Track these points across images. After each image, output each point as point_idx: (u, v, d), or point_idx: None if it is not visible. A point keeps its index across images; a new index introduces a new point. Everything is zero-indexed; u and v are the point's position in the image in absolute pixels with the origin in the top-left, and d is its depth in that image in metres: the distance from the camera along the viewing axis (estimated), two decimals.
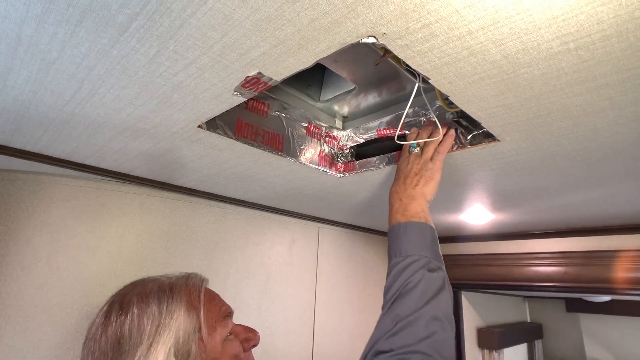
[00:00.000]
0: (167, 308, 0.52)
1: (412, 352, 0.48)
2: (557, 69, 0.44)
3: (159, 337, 0.49)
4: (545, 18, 0.36)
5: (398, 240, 0.60)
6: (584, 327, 2.33)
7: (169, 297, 0.54)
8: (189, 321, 0.52)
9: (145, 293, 0.54)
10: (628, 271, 1.25)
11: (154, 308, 0.52)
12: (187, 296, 0.55)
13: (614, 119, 0.54)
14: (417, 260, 0.57)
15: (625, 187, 0.84)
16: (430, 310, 0.52)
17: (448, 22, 0.37)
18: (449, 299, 0.55)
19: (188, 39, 0.41)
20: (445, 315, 0.53)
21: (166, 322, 0.51)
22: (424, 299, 0.53)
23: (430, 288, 0.54)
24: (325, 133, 0.88)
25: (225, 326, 0.57)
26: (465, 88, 0.49)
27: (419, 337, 0.49)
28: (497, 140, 0.64)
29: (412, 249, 0.58)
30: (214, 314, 0.56)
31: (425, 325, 0.51)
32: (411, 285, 0.54)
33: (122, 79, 0.50)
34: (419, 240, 0.59)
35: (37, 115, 0.61)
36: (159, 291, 0.54)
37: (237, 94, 0.52)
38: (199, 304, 0.55)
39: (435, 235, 0.63)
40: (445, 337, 0.51)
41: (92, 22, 0.39)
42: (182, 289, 0.56)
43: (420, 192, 0.64)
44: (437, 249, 0.61)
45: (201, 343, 0.52)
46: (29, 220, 0.86)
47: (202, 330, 0.53)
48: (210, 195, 1.11)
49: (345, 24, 0.38)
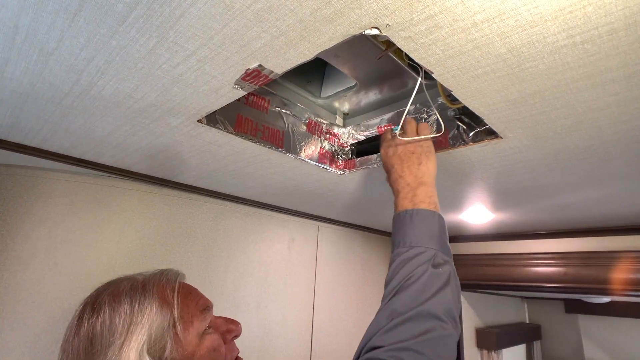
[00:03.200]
0: (139, 306, 0.52)
1: (405, 349, 0.47)
2: (563, 63, 0.43)
3: (130, 335, 0.49)
4: (552, 9, 0.35)
5: (404, 229, 0.58)
6: (582, 328, 2.32)
7: (141, 295, 0.53)
8: (162, 317, 0.52)
9: (118, 292, 0.54)
10: (628, 272, 1.25)
11: (125, 307, 0.52)
12: (160, 292, 0.55)
13: (618, 115, 0.53)
14: (423, 252, 0.55)
15: (627, 187, 0.83)
16: (430, 307, 0.50)
17: (453, 13, 0.37)
18: (452, 296, 0.53)
19: (188, 30, 0.41)
20: (446, 313, 0.51)
21: (138, 320, 0.51)
22: (425, 295, 0.51)
23: (433, 284, 0.52)
24: (326, 130, 0.87)
25: (203, 320, 0.56)
26: (469, 82, 0.48)
27: (413, 335, 0.48)
28: (499, 138, 0.63)
29: (418, 240, 0.56)
30: (190, 309, 0.56)
31: (422, 322, 0.49)
32: (412, 280, 0.52)
33: (121, 70, 0.49)
34: (426, 231, 0.57)
35: (35, 108, 0.60)
36: (131, 290, 0.54)
37: (237, 88, 0.52)
38: (172, 300, 0.55)
39: (444, 224, 0.60)
40: (443, 336, 0.50)
41: (91, 11, 0.38)
42: (155, 285, 0.56)
43: (427, 172, 0.62)
44: (446, 240, 0.59)
45: (177, 338, 0.52)
46: (27, 216, 0.85)
47: (177, 326, 0.53)
48: (209, 192, 1.10)
49: (348, 15, 0.37)
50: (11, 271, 0.81)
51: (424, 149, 0.64)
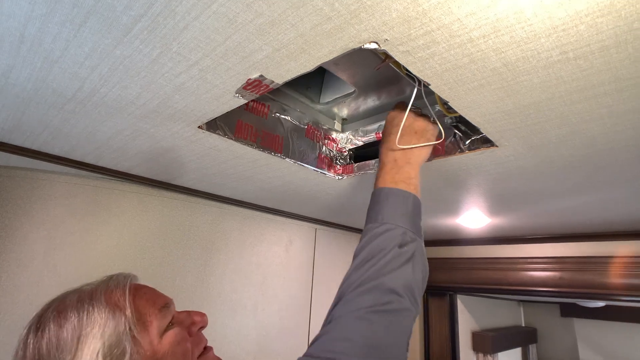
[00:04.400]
0: (87, 316, 0.50)
1: (358, 319, 0.49)
2: (556, 77, 0.44)
3: (81, 348, 0.48)
4: (545, 27, 0.36)
5: (379, 205, 0.60)
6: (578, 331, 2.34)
7: (88, 305, 0.51)
8: (115, 323, 0.50)
9: (64, 307, 0.52)
10: (622, 277, 1.26)
11: (73, 321, 0.50)
12: (109, 298, 0.53)
13: (611, 126, 0.55)
14: (393, 229, 0.57)
15: (621, 193, 0.85)
16: (389, 281, 0.52)
17: (449, 30, 0.38)
18: (414, 274, 0.54)
19: (191, 41, 0.42)
20: (405, 289, 0.52)
21: (87, 331, 0.49)
22: (386, 269, 0.53)
23: (396, 260, 0.54)
24: (325, 135, 0.88)
25: (163, 317, 0.55)
26: (465, 94, 0.49)
27: (366, 306, 0.50)
28: (495, 146, 0.65)
29: (390, 217, 0.58)
30: (146, 309, 0.55)
31: (380, 295, 0.51)
32: (378, 255, 0.54)
33: (124, 78, 0.50)
34: (400, 210, 0.58)
35: (37, 112, 0.61)
36: (78, 302, 0.52)
37: (238, 96, 0.53)
38: (124, 303, 0.53)
39: (418, 205, 0.61)
40: (399, 309, 0.51)
41: (97, 22, 0.39)
42: (102, 293, 0.54)
43: (417, 153, 0.62)
44: (417, 219, 0.60)
45: (135, 340, 0.51)
46: (26, 217, 0.86)
47: (133, 329, 0.51)
48: (208, 195, 1.11)
49: (348, 30, 0.38)
50: (9, 273, 0.81)
51: (425, 133, 0.64)
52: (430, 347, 1.69)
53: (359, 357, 0.46)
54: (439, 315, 1.71)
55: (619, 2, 0.33)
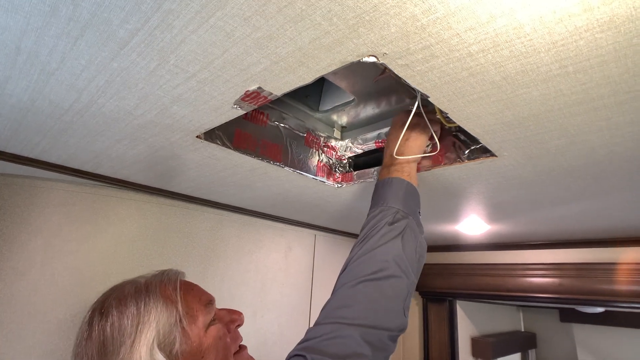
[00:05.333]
0: (145, 306, 0.56)
1: (354, 287, 0.55)
2: (556, 91, 0.44)
3: (140, 334, 0.53)
4: (544, 42, 0.36)
5: (376, 195, 0.67)
6: (577, 337, 2.33)
7: (145, 296, 0.57)
8: (168, 314, 0.56)
9: (123, 295, 0.58)
10: (622, 284, 1.26)
11: (132, 309, 0.55)
12: (163, 292, 0.59)
13: (610, 138, 0.54)
14: (386, 210, 0.63)
15: (620, 201, 0.85)
16: (379, 253, 0.58)
17: (449, 44, 0.37)
18: (403, 246, 0.59)
19: (189, 54, 0.41)
20: (395, 259, 0.57)
21: (145, 320, 0.54)
22: (379, 243, 0.58)
23: (386, 235, 0.59)
24: (324, 143, 0.88)
25: (208, 313, 0.61)
26: (464, 106, 0.49)
27: (361, 275, 0.56)
28: (494, 156, 0.64)
29: (385, 201, 0.64)
30: (194, 304, 0.60)
31: (371, 265, 0.57)
32: (373, 231, 0.61)
33: (121, 90, 0.50)
34: (394, 194, 0.65)
35: (34, 122, 0.61)
36: (136, 292, 0.58)
37: (236, 107, 0.52)
38: (176, 297, 0.59)
39: (411, 189, 0.66)
40: (390, 276, 0.56)
41: (93, 36, 0.39)
42: (157, 286, 0.59)
43: (410, 148, 0.67)
44: (410, 201, 0.65)
45: (184, 332, 0.56)
46: (24, 226, 0.85)
47: (183, 321, 0.57)
48: (206, 202, 1.10)
49: (347, 44, 0.38)
50: (7, 281, 0.81)
51: (419, 132, 0.68)
52: (429, 353, 1.68)
53: (358, 320, 0.51)
54: (438, 321, 1.70)
55: (619, 18, 0.33)
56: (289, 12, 0.34)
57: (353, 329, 0.50)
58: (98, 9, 0.35)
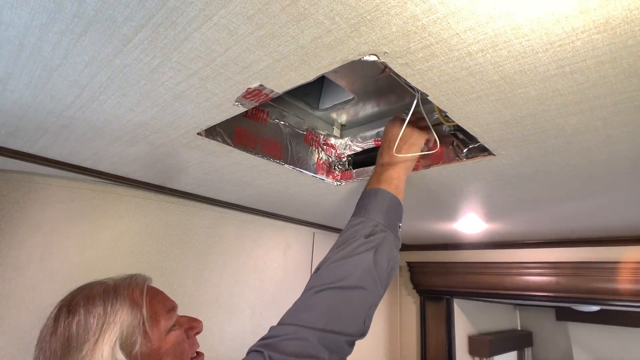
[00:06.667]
0: (112, 307, 0.58)
1: (320, 292, 0.57)
2: (553, 90, 0.45)
3: (104, 334, 0.55)
4: (542, 43, 0.37)
5: (360, 203, 0.69)
6: (573, 335, 2.35)
7: (113, 298, 0.59)
8: (132, 317, 0.58)
9: (92, 295, 0.60)
10: (617, 282, 1.27)
11: (99, 309, 0.57)
12: (131, 295, 0.61)
13: (606, 138, 0.55)
14: (366, 222, 0.65)
15: (616, 201, 0.85)
16: (349, 263, 0.60)
17: (448, 44, 0.38)
18: (374, 260, 0.61)
19: (192, 52, 0.42)
20: (364, 271, 0.59)
21: (110, 320, 0.56)
22: (350, 254, 0.61)
23: (361, 247, 0.62)
24: (323, 141, 0.89)
25: (169, 319, 0.63)
26: (463, 105, 0.50)
27: (328, 282, 0.58)
28: (492, 155, 0.65)
29: (367, 212, 0.67)
30: (157, 309, 0.63)
31: (339, 274, 0.59)
32: (347, 242, 0.63)
33: (123, 86, 0.50)
34: (377, 206, 0.67)
35: (36, 118, 0.61)
36: (104, 293, 0.60)
37: (238, 105, 0.53)
38: (141, 301, 0.61)
39: (395, 203, 0.68)
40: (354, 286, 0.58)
41: (97, 32, 0.39)
42: (125, 289, 0.62)
43: (402, 159, 0.69)
44: (392, 216, 0.67)
45: (145, 334, 0.58)
46: (23, 221, 0.85)
47: (146, 324, 0.59)
48: (206, 199, 1.11)
49: (348, 43, 0.39)
50: (5, 277, 0.81)
51: (410, 142, 0.69)
52: (427, 351, 1.69)
53: (318, 324, 0.54)
54: (435, 319, 1.71)
55: (614, 20, 0.33)
56: (291, 10, 0.35)
57: (311, 332, 0.53)
58: (103, 6, 0.36)
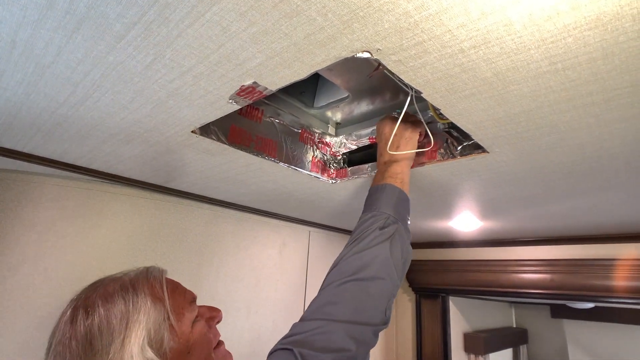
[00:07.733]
0: (133, 305, 0.55)
1: (342, 285, 0.57)
2: (546, 87, 0.45)
3: (130, 332, 0.53)
4: (534, 39, 0.37)
5: (371, 199, 0.69)
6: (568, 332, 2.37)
7: (132, 294, 0.57)
8: (157, 312, 0.56)
9: (109, 293, 0.57)
10: (612, 279, 1.28)
11: (120, 306, 0.55)
12: (150, 289, 0.59)
13: (599, 134, 0.56)
14: (377, 215, 0.65)
15: (610, 198, 0.86)
16: (367, 255, 0.60)
17: (441, 41, 0.38)
18: (390, 250, 0.61)
19: (185, 49, 0.42)
20: (381, 262, 0.60)
21: (135, 318, 0.54)
22: (366, 246, 0.61)
23: (376, 239, 0.62)
24: (318, 139, 0.89)
25: (192, 310, 0.62)
26: (457, 102, 0.50)
27: (348, 274, 0.58)
28: (486, 152, 0.65)
29: (377, 207, 0.67)
30: (179, 302, 0.61)
31: (358, 266, 0.59)
32: (362, 235, 0.63)
33: (117, 84, 0.50)
34: (386, 200, 0.67)
35: (29, 116, 0.61)
36: (122, 289, 0.57)
37: (232, 102, 0.53)
38: (163, 295, 0.59)
39: (403, 197, 0.69)
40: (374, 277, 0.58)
41: (89, 29, 0.39)
42: (143, 283, 0.59)
43: (402, 155, 0.70)
44: (401, 208, 0.68)
45: (172, 329, 0.57)
46: (17, 220, 0.85)
47: (171, 318, 0.58)
48: (201, 197, 1.11)
49: (341, 39, 0.39)
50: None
51: (406, 138, 0.70)
52: (422, 348, 1.70)
53: (344, 316, 0.53)
54: (431, 316, 1.72)
55: (605, 16, 0.33)
56: (284, 7, 0.35)
57: (339, 325, 0.52)
58: (95, 2, 0.35)
